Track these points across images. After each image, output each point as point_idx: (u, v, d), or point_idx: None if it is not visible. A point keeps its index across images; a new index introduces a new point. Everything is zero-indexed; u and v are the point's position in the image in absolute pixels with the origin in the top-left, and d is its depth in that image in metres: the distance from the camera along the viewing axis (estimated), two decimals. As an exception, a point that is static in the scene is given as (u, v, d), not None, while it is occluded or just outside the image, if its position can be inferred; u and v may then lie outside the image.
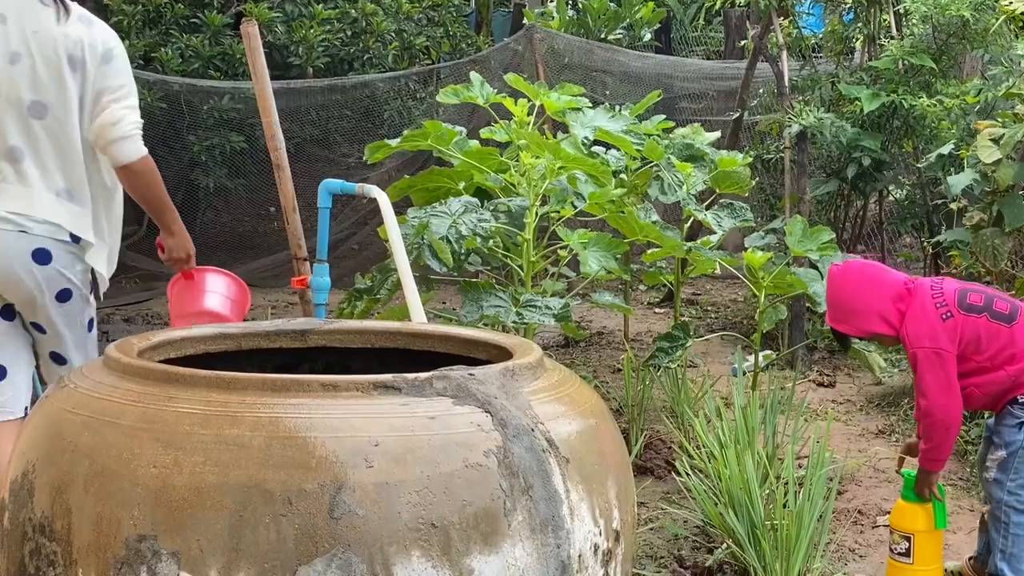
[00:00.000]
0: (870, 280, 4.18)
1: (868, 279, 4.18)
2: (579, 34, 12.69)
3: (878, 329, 4.14)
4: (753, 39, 8.90)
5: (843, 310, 4.20)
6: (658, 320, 9.04)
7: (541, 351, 2.82)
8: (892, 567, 4.24)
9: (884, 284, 4.16)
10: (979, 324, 4.03)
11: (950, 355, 4.01)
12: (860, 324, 4.17)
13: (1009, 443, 4.09)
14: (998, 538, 4.12)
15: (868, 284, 4.17)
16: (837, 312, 4.23)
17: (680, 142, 7.09)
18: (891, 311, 4.10)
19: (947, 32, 8.07)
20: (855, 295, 4.17)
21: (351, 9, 10.18)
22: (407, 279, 4.12)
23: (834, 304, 4.25)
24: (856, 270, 4.25)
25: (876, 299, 4.12)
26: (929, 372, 4.02)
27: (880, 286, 4.15)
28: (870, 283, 4.17)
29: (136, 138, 3.88)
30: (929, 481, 4.14)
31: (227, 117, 9.34)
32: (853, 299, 4.17)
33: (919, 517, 4.19)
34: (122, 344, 2.70)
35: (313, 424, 2.27)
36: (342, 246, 10.13)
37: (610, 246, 5.79)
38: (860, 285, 4.17)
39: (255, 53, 4.27)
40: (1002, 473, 4.10)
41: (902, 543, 4.19)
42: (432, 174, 6.18)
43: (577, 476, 2.46)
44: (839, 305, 4.22)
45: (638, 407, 5.92)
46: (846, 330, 4.23)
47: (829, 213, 8.96)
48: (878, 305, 4.11)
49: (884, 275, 4.22)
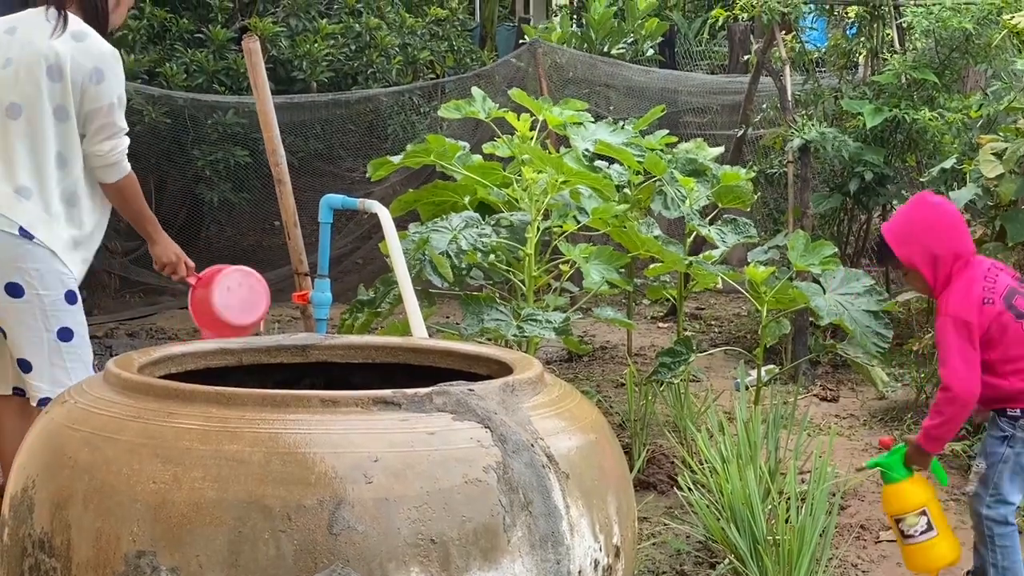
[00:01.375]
0: (951, 227, 4.10)
1: (950, 225, 4.11)
2: (582, 48, 12.71)
3: (923, 270, 4.07)
4: (756, 53, 8.90)
5: (908, 234, 4.12)
6: (661, 334, 9.03)
7: (541, 366, 2.82)
8: (919, 552, 4.09)
9: (957, 239, 4.09)
10: (1010, 324, 4.00)
11: (977, 332, 3.97)
12: (912, 255, 4.08)
13: (990, 454, 4.08)
14: (987, 553, 4.10)
15: (947, 229, 4.09)
16: (901, 232, 4.14)
17: (683, 156, 7.10)
18: (944, 265, 4.04)
19: (949, 46, 8.07)
20: (929, 228, 4.09)
21: (355, 24, 10.19)
22: (408, 294, 4.13)
23: (903, 223, 4.17)
24: (947, 211, 4.17)
25: (942, 245, 4.05)
26: (956, 342, 3.95)
27: (954, 238, 4.08)
28: (949, 229, 4.09)
29: (120, 163, 4.16)
30: (924, 460, 4.07)
31: (231, 131, 9.35)
32: (924, 231, 4.09)
33: (922, 488, 4.09)
34: (122, 359, 2.71)
35: (312, 440, 2.27)
36: (345, 260, 10.13)
37: (612, 259, 5.80)
38: (940, 223, 4.10)
39: (256, 69, 4.29)
40: (982, 487, 4.08)
41: (919, 522, 4.04)
42: (436, 188, 6.19)
43: (577, 492, 2.47)
44: (908, 227, 4.14)
45: (641, 422, 5.91)
46: (897, 251, 4.13)
47: (832, 227, 8.95)
48: (940, 250, 4.05)
49: (963, 232, 4.15)
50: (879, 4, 8.54)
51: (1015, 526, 4.11)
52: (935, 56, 8.13)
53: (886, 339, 6.01)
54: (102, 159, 4.11)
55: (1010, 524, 4.09)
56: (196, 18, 9.70)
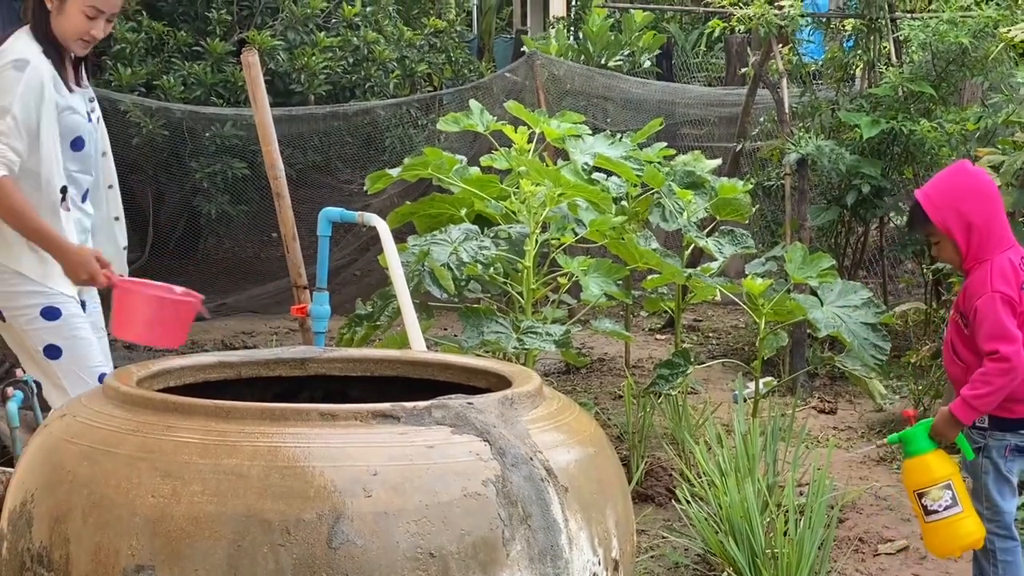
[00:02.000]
0: (988, 197, 4.03)
1: (987, 195, 4.03)
2: (579, 60, 12.72)
3: (958, 237, 3.98)
4: (754, 66, 8.93)
5: (945, 199, 4.03)
6: (659, 347, 9.03)
7: (540, 379, 2.83)
8: (943, 529, 3.93)
9: (993, 210, 4.02)
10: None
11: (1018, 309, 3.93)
12: (948, 219, 3.99)
13: (969, 465, 4.07)
14: (989, 568, 4.07)
15: (984, 197, 4.02)
16: (937, 197, 4.04)
17: (681, 169, 7.11)
18: (978, 233, 3.97)
19: (946, 59, 8.09)
20: (967, 194, 4.01)
21: (353, 37, 10.21)
22: (407, 307, 4.13)
23: (941, 188, 4.08)
24: (985, 180, 4.11)
25: (978, 212, 3.98)
26: (1007, 316, 3.88)
27: (989, 208, 4.01)
28: (986, 199, 4.02)
29: None
30: (953, 431, 3.94)
31: (229, 144, 9.36)
32: (962, 196, 4.01)
33: (945, 461, 3.95)
34: (121, 373, 2.71)
35: (312, 453, 2.27)
36: (343, 273, 10.13)
37: (610, 272, 5.80)
38: (977, 190, 4.03)
39: (255, 82, 4.29)
40: (976, 502, 4.03)
41: (944, 496, 3.89)
42: (434, 201, 6.20)
43: (576, 505, 2.47)
44: (946, 192, 4.04)
45: (639, 434, 5.91)
46: (932, 215, 4.02)
47: (830, 240, 8.96)
48: (976, 218, 3.97)
49: (998, 204, 4.08)
50: (876, 17, 8.56)
51: (1018, 541, 4.07)
52: (932, 69, 8.14)
53: (883, 351, 6.01)
54: None
55: (1013, 539, 4.05)
56: (194, 31, 9.71)
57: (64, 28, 4.02)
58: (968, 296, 4.02)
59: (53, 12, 4.00)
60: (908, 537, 5.16)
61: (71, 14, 4.00)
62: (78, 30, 4.03)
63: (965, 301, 4.05)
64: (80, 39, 4.05)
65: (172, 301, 4.05)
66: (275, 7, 9.95)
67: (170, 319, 4.03)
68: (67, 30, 4.03)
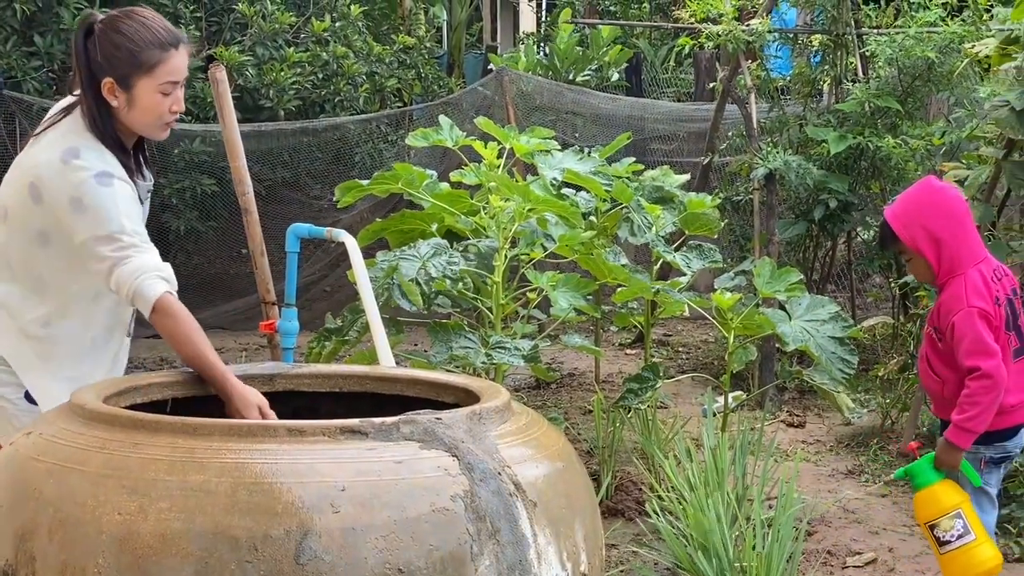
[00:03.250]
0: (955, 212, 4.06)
1: (954, 210, 4.06)
2: (548, 76, 12.75)
3: (927, 254, 4.01)
4: (722, 81, 8.97)
5: (912, 216, 4.06)
6: (629, 361, 9.05)
7: (508, 394, 2.83)
8: (958, 559, 3.94)
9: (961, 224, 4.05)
10: (1001, 333, 3.98)
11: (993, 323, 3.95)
12: (916, 238, 4.02)
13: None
14: None
15: (951, 213, 4.05)
16: (904, 215, 4.08)
17: (650, 184, 7.13)
18: (948, 249, 4.00)
19: (912, 75, 8.15)
20: (933, 211, 4.04)
21: (322, 52, 10.20)
22: (375, 322, 4.12)
23: (907, 206, 4.11)
24: (952, 195, 4.13)
25: (946, 228, 4.01)
26: (985, 331, 3.92)
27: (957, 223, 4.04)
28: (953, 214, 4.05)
29: (140, 294, 3.16)
30: (955, 458, 3.96)
31: (198, 160, 9.34)
32: (928, 213, 4.03)
33: (954, 490, 3.97)
34: (87, 390, 2.70)
35: (279, 470, 2.27)
36: (314, 288, 10.12)
37: (579, 287, 5.81)
38: (944, 206, 4.05)
39: (223, 98, 4.27)
40: None
41: (955, 525, 3.90)
42: (404, 216, 6.20)
43: (544, 520, 2.47)
44: (912, 210, 4.08)
45: (608, 449, 5.92)
46: (900, 234, 4.07)
47: (798, 254, 9.01)
48: (944, 233, 4.00)
49: (966, 219, 4.10)
50: (842, 33, 8.63)
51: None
52: (898, 84, 8.21)
53: (851, 365, 6.04)
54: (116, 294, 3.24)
55: None
56: (163, 47, 9.68)
57: (141, 120, 3.42)
58: (943, 312, 4.04)
59: (122, 108, 3.37)
60: (876, 550, 5.19)
61: (145, 101, 3.39)
62: (158, 114, 3.44)
63: (940, 317, 4.07)
64: (162, 123, 3.49)
65: None
66: (244, 23, 9.93)
67: None
68: (147, 121, 3.44)
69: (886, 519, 5.59)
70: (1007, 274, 4.15)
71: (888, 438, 6.79)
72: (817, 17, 9.09)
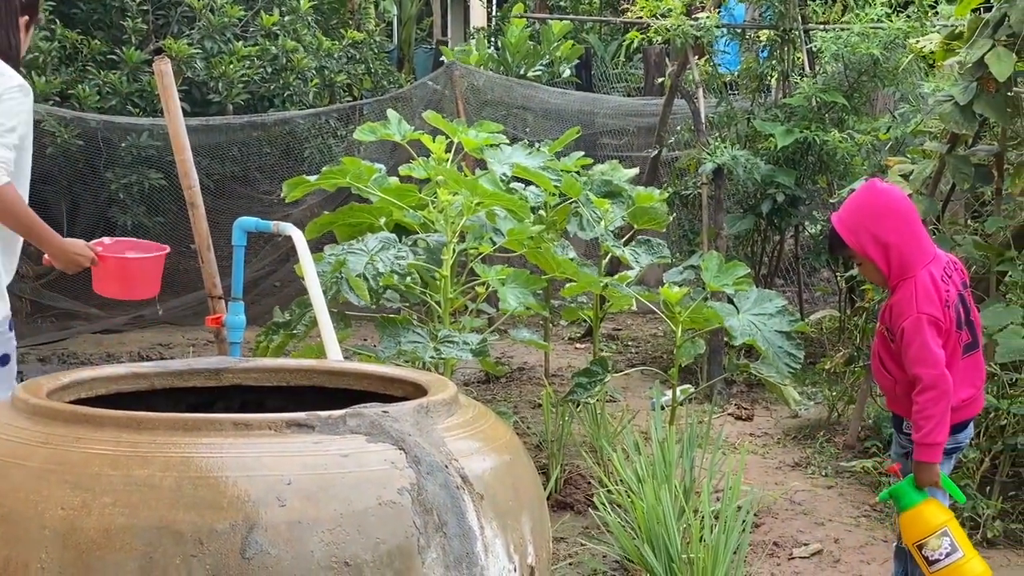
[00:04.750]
0: (901, 214, 4.04)
1: (899, 212, 4.04)
2: (499, 71, 12.75)
3: (876, 259, 4.02)
4: (671, 76, 9.01)
5: (858, 222, 4.05)
6: (578, 355, 9.08)
7: (456, 388, 2.83)
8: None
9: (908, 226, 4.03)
10: (952, 332, 3.99)
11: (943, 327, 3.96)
12: (864, 243, 4.02)
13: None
14: (913, 568, 4.14)
15: (896, 215, 4.03)
16: (850, 220, 4.07)
17: (599, 178, 7.15)
18: (896, 252, 4.00)
19: (858, 70, 8.23)
20: (878, 215, 4.03)
21: (271, 46, 10.16)
22: (323, 317, 4.12)
23: (853, 211, 4.09)
24: (896, 197, 4.11)
25: (892, 232, 4.00)
26: (933, 339, 3.92)
27: (904, 225, 4.02)
28: (899, 216, 4.03)
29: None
30: (932, 474, 3.96)
31: (145, 154, 9.27)
32: (874, 217, 4.03)
33: (939, 509, 3.97)
34: (30, 385, 2.67)
35: (225, 464, 2.26)
36: (263, 283, 10.07)
37: (528, 282, 5.82)
38: (889, 209, 4.04)
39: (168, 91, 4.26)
40: None
41: (943, 544, 3.90)
42: (352, 210, 6.19)
43: (491, 512, 2.48)
44: (857, 215, 4.06)
45: (558, 442, 5.94)
46: (847, 239, 4.06)
47: (746, 248, 9.07)
48: (891, 237, 4.00)
49: (913, 219, 4.08)
50: (790, 28, 8.69)
51: None
52: (844, 79, 8.29)
53: (797, 360, 6.10)
54: None
55: None
56: (109, 39, 9.61)
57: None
58: (895, 314, 4.06)
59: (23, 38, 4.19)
60: (822, 541, 5.24)
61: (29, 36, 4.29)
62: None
63: (892, 318, 4.09)
64: None
65: (138, 261, 4.52)
66: (192, 16, 9.87)
67: (137, 276, 4.50)
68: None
69: (832, 510, 5.65)
70: (957, 267, 4.17)
71: (835, 430, 6.86)
72: (765, 13, 9.16)
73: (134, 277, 4.50)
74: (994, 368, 5.27)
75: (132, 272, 4.48)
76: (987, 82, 5.52)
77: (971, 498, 5.16)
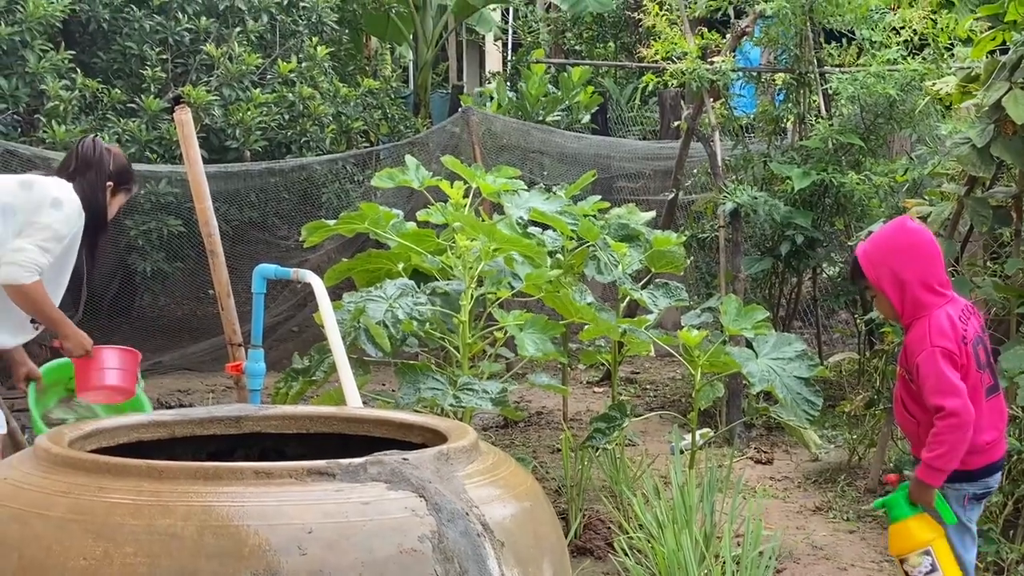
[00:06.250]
0: (923, 255, 4.09)
1: (922, 252, 4.10)
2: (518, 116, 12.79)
3: (890, 294, 4.07)
4: (687, 120, 9.03)
5: (879, 256, 4.12)
6: (597, 399, 9.05)
7: (476, 434, 2.83)
8: None
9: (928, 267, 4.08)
10: (971, 371, 4.00)
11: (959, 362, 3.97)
12: (880, 277, 4.09)
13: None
14: None
15: (918, 255, 4.09)
16: (873, 253, 4.14)
17: (615, 222, 7.16)
18: (911, 290, 4.03)
19: (875, 112, 8.24)
20: (900, 252, 4.09)
21: (288, 93, 10.22)
22: (342, 363, 4.12)
23: (877, 245, 4.16)
24: (922, 238, 4.15)
25: (910, 270, 4.05)
26: (949, 370, 3.93)
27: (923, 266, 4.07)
28: (920, 256, 4.09)
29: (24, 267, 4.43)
30: (928, 495, 3.98)
31: (164, 201, 9.32)
32: (895, 254, 4.09)
33: (927, 526, 3.99)
34: (53, 434, 2.68)
35: (246, 512, 2.25)
36: (281, 328, 10.08)
37: (546, 328, 5.81)
38: (912, 248, 4.10)
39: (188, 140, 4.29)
40: None
41: (922, 562, 3.93)
42: (371, 256, 6.21)
43: (512, 559, 2.46)
44: (880, 249, 4.13)
45: (577, 487, 5.92)
46: (867, 271, 4.13)
47: (764, 290, 9.06)
48: (907, 275, 4.04)
49: (934, 261, 4.12)
50: (805, 71, 8.71)
51: None
52: (861, 121, 8.29)
53: (816, 407, 6.06)
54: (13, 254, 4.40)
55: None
56: (129, 88, 9.68)
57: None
58: (909, 353, 4.07)
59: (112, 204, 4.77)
60: (845, 586, 5.20)
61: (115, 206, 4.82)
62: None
63: (907, 358, 4.09)
64: None
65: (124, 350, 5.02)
66: (210, 64, 9.94)
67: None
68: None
69: (854, 555, 5.61)
70: (975, 313, 4.18)
71: (855, 474, 6.82)
72: (780, 56, 9.19)
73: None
74: (1015, 411, 5.24)
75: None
76: (1005, 125, 5.52)
77: (994, 543, 5.12)
